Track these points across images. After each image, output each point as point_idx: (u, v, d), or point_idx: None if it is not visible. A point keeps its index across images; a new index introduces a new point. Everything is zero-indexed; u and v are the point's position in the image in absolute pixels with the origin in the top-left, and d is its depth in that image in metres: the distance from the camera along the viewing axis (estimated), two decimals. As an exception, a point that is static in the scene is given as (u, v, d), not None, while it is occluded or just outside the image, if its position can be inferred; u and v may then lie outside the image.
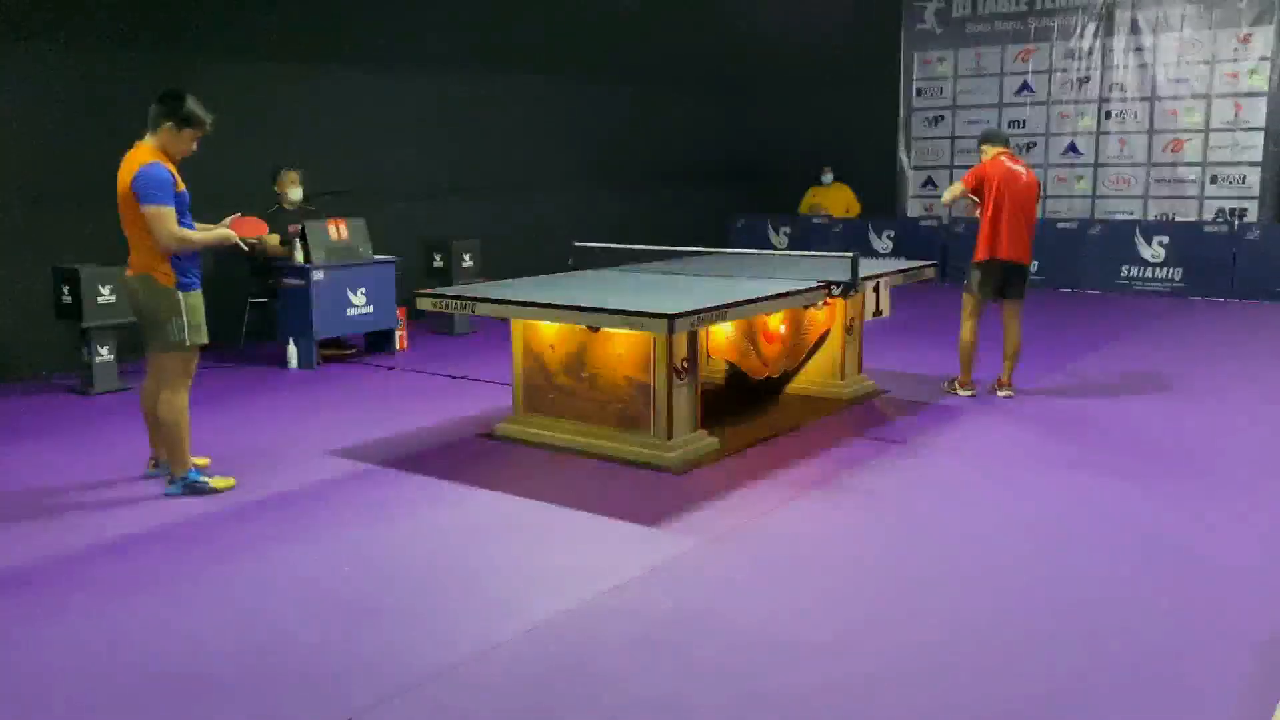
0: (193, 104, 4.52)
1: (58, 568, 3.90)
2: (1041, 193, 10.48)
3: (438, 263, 8.87)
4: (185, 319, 4.57)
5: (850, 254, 5.99)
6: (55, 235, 7.34)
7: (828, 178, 12.82)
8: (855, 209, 12.89)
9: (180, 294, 4.56)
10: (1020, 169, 6.40)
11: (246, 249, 5.14)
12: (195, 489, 4.70)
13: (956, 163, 12.97)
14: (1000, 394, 6.47)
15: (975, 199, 6.47)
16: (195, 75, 8.10)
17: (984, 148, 6.56)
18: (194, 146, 4.61)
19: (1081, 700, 2.88)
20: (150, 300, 4.56)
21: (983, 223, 6.40)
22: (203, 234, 4.64)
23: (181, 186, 4.53)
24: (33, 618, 3.45)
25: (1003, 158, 6.41)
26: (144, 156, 4.47)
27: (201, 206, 7.96)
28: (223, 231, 4.75)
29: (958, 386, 6.55)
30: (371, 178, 9.21)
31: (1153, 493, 4.67)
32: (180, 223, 4.49)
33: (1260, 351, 8.10)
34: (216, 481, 4.78)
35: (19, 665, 3.15)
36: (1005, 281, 6.42)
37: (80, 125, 7.47)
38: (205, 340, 4.70)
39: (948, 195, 6.63)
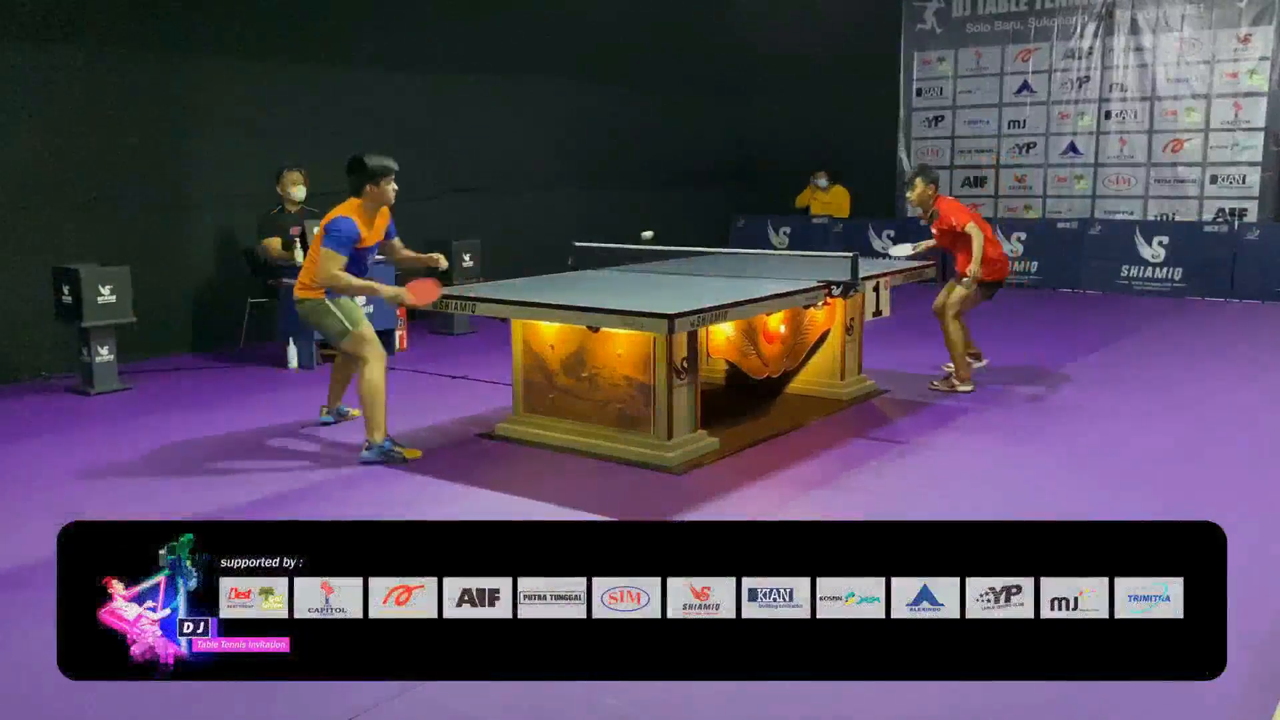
0: (372, 160, 5.16)
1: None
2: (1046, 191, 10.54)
3: (438, 263, 8.86)
4: (340, 314, 5.29)
5: (850, 254, 5.99)
6: (55, 235, 7.34)
7: (823, 182, 12.51)
8: (845, 211, 12.81)
9: (328, 300, 5.27)
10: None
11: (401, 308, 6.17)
12: (389, 456, 5.18)
13: (957, 163, 12.97)
14: (977, 365, 6.82)
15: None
16: (195, 75, 8.12)
17: (927, 185, 6.88)
18: (395, 188, 5.25)
19: (1081, 700, 2.88)
20: (309, 314, 5.40)
21: (986, 247, 6.68)
22: (360, 281, 5.22)
23: (369, 241, 5.27)
24: (36, 616, 3.44)
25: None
26: (345, 210, 5.19)
27: (205, 206, 8.15)
28: (387, 290, 5.29)
29: (956, 382, 6.69)
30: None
31: (1152, 492, 4.68)
32: (355, 268, 5.20)
33: (1260, 352, 8.10)
34: (407, 452, 5.24)
35: (18, 666, 3.15)
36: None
37: (80, 125, 7.47)
38: (366, 326, 5.32)
39: (918, 248, 7.02)
